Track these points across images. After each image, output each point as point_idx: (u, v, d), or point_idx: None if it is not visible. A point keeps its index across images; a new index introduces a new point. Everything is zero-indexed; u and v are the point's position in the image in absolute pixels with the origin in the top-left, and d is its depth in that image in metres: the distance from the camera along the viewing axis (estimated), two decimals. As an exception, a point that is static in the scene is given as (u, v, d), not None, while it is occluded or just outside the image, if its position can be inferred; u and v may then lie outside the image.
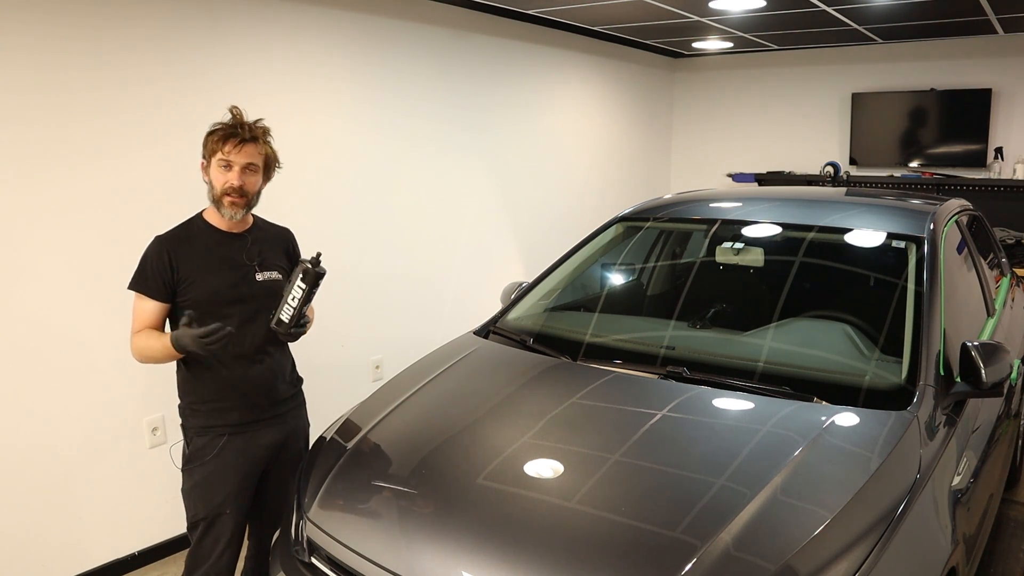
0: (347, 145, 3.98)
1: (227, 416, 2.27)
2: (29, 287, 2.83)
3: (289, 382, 2.42)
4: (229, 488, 2.27)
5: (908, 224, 2.71)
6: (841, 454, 1.92)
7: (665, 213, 3.15)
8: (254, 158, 2.21)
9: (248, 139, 2.19)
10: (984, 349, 2.19)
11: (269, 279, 2.30)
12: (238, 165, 2.18)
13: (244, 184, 2.20)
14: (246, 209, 2.25)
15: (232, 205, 2.21)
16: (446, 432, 2.16)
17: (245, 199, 2.22)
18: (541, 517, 1.78)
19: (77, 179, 2.92)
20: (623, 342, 2.67)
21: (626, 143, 6.36)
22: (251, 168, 2.21)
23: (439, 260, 4.63)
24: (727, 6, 4.43)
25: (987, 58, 5.59)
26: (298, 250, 2.48)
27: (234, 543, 2.32)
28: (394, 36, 4.17)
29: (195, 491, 2.27)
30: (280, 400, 2.37)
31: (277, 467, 2.41)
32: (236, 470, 2.28)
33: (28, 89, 2.76)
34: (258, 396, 2.30)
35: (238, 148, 2.17)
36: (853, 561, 1.61)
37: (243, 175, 2.20)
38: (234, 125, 2.20)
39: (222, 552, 2.29)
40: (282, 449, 2.40)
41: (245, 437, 2.29)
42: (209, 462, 2.26)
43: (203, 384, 2.26)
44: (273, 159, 2.29)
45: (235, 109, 2.24)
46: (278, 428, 2.37)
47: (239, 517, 2.32)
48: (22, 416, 2.84)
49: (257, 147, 2.21)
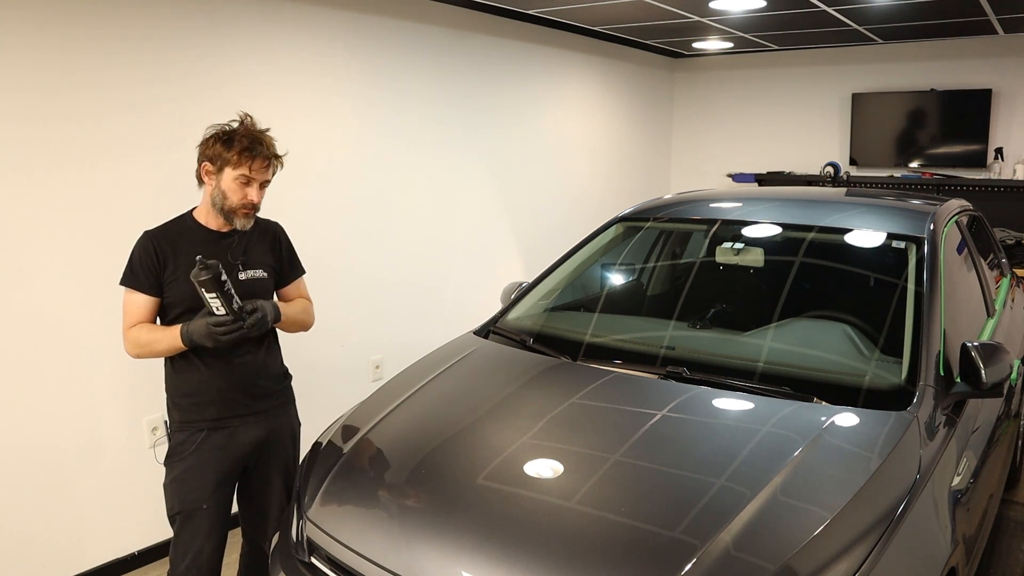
0: (347, 145, 3.98)
1: (205, 411, 2.28)
2: (29, 287, 2.83)
3: (272, 379, 2.40)
4: (207, 483, 2.28)
5: (908, 224, 2.71)
6: (841, 454, 1.92)
7: (665, 213, 3.15)
8: (269, 175, 2.27)
9: (267, 156, 2.22)
10: (984, 349, 2.19)
11: (252, 278, 2.30)
12: (258, 182, 2.23)
13: (257, 200, 2.26)
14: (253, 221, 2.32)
15: (245, 217, 2.26)
16: (446, 432, 2.16)
17: (256, 210, 2.29)
18: (541, 517, 1.78)
19: (76, 179, 2.92)
20: (623, 342, 2.67)
21: (626, 143, 6.36)
22: (265, 185, 2.27)
23: (439, 260, 4.63)
24: (727, 6, 4.43)
25: (987, 58, 5.59)
26: (285, 243, 2.46)
27: (213, 538, 2.31)
28: (394, 36, 4.17)
29: (173, 485, 2.29)
30: (261, 397, 2.35)
31: (261, 465, 2.40)
32: (215, 466, 2.28)
33: (29, 89, 2.76)
34: (236, 392, 2.29)
35: (262, 167, 2.22)
36: (853, 561, 1.61)
37: (261, 191, 2.25)
38: (252, 140, 2.20)
39: (200, 547, 2.29)
40: (265, 446, 2.38)
41: (224, 433, 2.29)
42: (188, 457, 2.27)
43: (184, 379, 2.28)
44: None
45: (247, 117, 2.25)
46: (260, 425, 2.35)
47: (219, 513, 2.31)
48: (22, 416, 2.84)
49: (272, 164, 2.26)
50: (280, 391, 2.43)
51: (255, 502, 2.44)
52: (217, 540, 2.33)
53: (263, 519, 2.44)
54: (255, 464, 2.39)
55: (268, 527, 2.43)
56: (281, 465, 2.43)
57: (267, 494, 2.42)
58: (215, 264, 2.03)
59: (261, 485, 2.42)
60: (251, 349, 2.32)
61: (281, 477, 2.43)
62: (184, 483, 2.27)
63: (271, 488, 2.42)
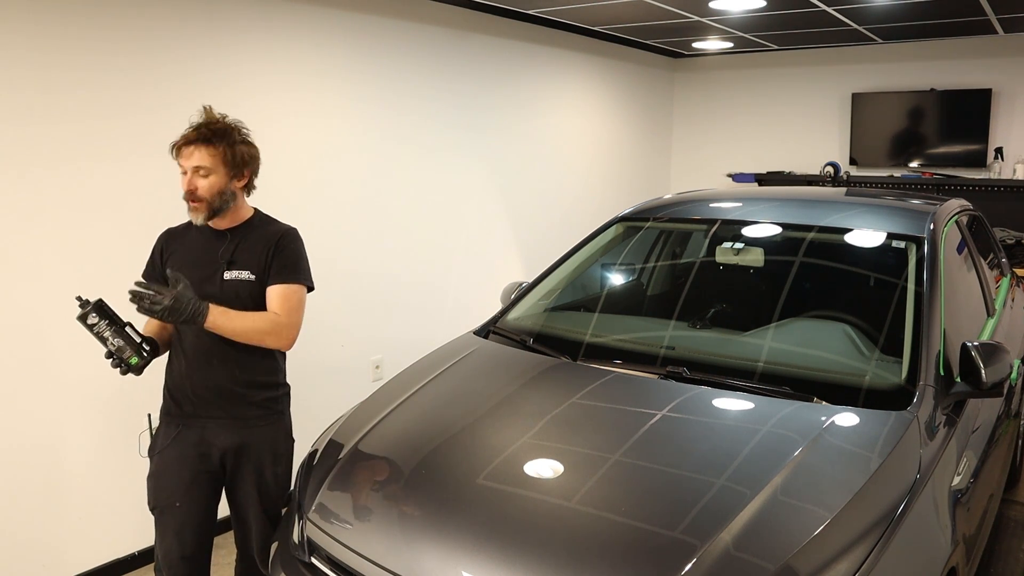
0: (346, 145, 3.98)
1: (183, 406, 2.29)
2: (28, 286, 2.83)
3: (253, 387, 2.30)
4: (181, 481, 2.27)
5: (908, 224, 2.71)
6: (841, 454, 1.92)
7: (665, 213, 3.15)
8: (202, 160, 2.17)
9: (192, 141, 2.17)
10: (984, 349, 2.19)
11: (236, 279, 2.25)
12: (188, 170, 2.19)
13: (195, 188, 2.18)
14: (208, 212, 2.21)
15: (193, 210, 2.22)
16: (446, 432, 2.16)
17: (202, 203, 2.20)
18: (541, 517, 1.78)
19: (77, 179, 2.92)
20: (623, 342, 2.67)
21: (626, 143, 6.36)
22: (201, 171, 2.18)
23: (439, 260, 4.63)
24: (727, 6, 4.43)
25: (987, 58, 5.59)
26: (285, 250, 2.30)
27: (185, 540, 2.28)
28: (394, 36, 4.17)
29: (151, 479, 2.32)
30: (237, 403, 2.28)
31: (238, 476, 2.33)
32: (189, 464, 2.28)
33: (30, 89, 2.76)
34: (209, 392, 2.26)
35: (182, 152, 2.19)
36: (853, 561, 1.61)
37: (193, 179, 2.19)
38: (192, 128, 2.20)
39: (169, 545, 2.27)
40: (240, 455, 2.31)
41: (198, 432, 2.29)
42: (165, 451, 2.30)
43: (169, 371, 2.33)
44: (236, 158, 2.22)
45: (207, 107, 2.25)
46: (235, 432, 2.29)
47: (192, 514, 2.28)
48: (22, 416, 2.84)
49: (208, 148, 2.18)
50: (263, 402, 2.32)
51: (237, 512, 2.40)
52: (191, 543, 2.29)
53: (243, 529, 2.40)
54: (232, 473, 2.34)
55: (249, 538, 2.39)
56: (255, 478, 2.33)
57: (245, 505, 2.36)
58: (86, 302, 2.06)
59: (241, 496, 2.36)
60: (230, 354, 2.25)
61: (257, 490, 2.34)
62: (160, 478, 2.30)
63: (248, 500, 2.35)
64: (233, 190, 2.25)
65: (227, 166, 2.21)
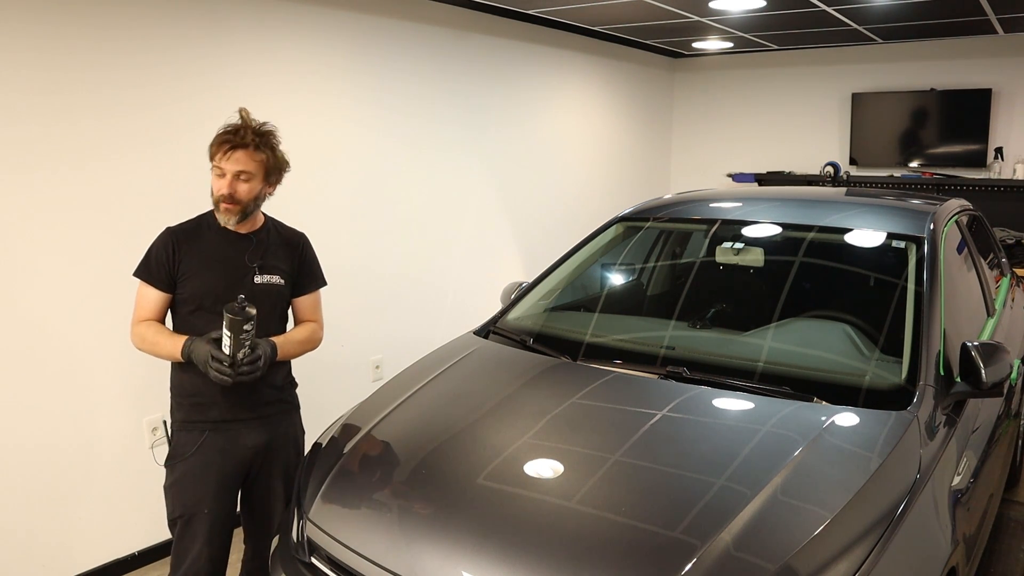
0: (346, 145, 3.98)
1: (208, 412, 2.26)
2: (28, 287, 2.83)
3: (278, 387, 2.37)
4: (208, 487, 2.25)
5: (908, 224, 2.71)
6: (841, 454, 1.92)
7: (665, 213, 3.15)
8: (246, 165, 2.18)
9: (239, 145, 2.17)
10: (984, 349, 2.19)
11: (268, 283, 2.29)
12: (229, 173, 2.18)
13: (235, 192, 2.19)
14: (241, 215, 2.23)
15: (226, 211, 2.22)
16: (446, 432, 2.16)
17: (238, 206, 2.21)
18: (541, 517, 1.78)
19: (77, 179, 2.92)
20: (623, 342, 2.67)
21: (626, 143, 6.36)
22: (243, 176, 2.19)
23: (439, 260, 4.63)
24: (727, 6, 4.43)
25: (987, 58, 5.59)
26: (310, 255, 2.42)
27: (214, 543, 2.28)
28: (394, 36, 4.17)
29: (174, 488, 2.27)
30: (264, 402, 2.32)
31: (263, 472, 2.37)
32: (216, 469, 2.26)
33: (31, 89, 2.76)
34: (239, 396, 2.26)
35: (227, 156, 2.17)
36: (853, 561, 1.61)
37: (233, 183, 2.19)
38: (232, 131, 2.18)
39: (199, 552, 2.26)
40: (267, 452, 2.35)
41: (226, 436, 2.28)
42: (189, 458, 2.26)
43: (188, 378, 2.26)
44: (275, 165, 2.26)
45: (243, 111, 2.23)
46: (262, 430, 2.33)
47: (219, 517, 2.29)
48: (22, 416, 2.84)
49: (250, 153, 2.19)
50: (284, 399, 2.40)
51: (257, 508, 2.41)
52: (218, 545, 2.31)
53: (265, 525, 2.41)
54: (258, 470, 2.36)
55: (270, 533, 2.40)
56: (283, 471, 2.40)
57: (269, 501, 2.40)
58: (250, 314, 2.07)
59: (263, 491, 2.39)
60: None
61: (283, 483, 2.40)
62: (185, 486, 2.26)
63: (273, 495, 2.39)
64: (265, 195, 2.29)
65: (267, 172, 2.24)
